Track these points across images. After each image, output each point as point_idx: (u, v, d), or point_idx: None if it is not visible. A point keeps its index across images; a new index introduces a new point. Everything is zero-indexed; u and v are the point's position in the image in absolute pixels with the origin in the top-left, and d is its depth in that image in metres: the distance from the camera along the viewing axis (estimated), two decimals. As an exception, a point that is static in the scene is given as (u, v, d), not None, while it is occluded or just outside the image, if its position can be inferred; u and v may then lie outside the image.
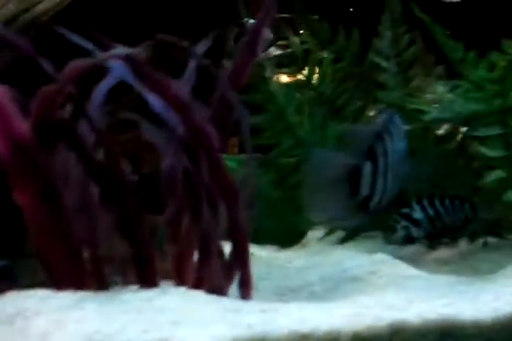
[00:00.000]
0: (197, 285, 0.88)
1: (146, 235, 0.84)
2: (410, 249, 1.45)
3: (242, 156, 1.38)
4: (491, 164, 1.23)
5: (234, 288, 0.90)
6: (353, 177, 1.04)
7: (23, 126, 0.83)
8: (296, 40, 1.64)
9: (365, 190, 1.04)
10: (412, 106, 1.42)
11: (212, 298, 0.75)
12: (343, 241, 1.51)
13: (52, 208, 0.83)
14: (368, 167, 1.04)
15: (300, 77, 1.61)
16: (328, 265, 1.21)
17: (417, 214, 1.35)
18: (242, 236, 0.90)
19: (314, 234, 1.57)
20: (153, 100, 0.86)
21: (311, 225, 1.57)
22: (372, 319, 0.72)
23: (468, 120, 1.21)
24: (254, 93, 1.46)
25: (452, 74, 1.45)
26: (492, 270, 1.24)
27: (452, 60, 1.40)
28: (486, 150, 1.21)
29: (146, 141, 0.99)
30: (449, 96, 1.39)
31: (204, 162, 0.89)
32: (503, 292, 0.95)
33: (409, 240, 1.38)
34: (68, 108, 0.90)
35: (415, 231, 1.36)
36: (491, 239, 1.41)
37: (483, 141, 1.23)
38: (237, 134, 1.05)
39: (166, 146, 0.94)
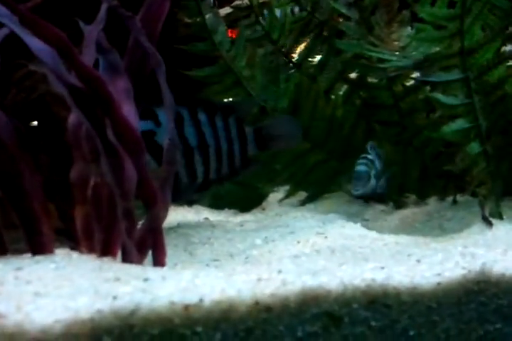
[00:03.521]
0: (105, 249, 0.79)
1: (32, 194, 0.75)
2: (376, 209, 1.37)
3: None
4: (450, 113, 1.12)
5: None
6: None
7: None
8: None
9: None
10: (373, 55, 1.30)
11: (98, 266, 0.66)
12: (304, 202, 1.42)
13: None
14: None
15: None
16: (278, 227, 1.12)
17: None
18: (150, 196, 0.81)
19: (276, 196, 1.49)
20: (33, 43, 0.75)
21: (272, 188, 1.48)
22: (278, 285, 0.63)
23: (422, 64, 1.09)
24: (198, 43, 1.34)
25: (416, 18, 1.33)
26: (460, 228, 1.15)
27: (407, -1, 1.27)
28: (443, 98, 1.09)
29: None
30: (414, 42, 1.27)
31: (104, 114, 0.79)
32: (455, 253, 0.86)
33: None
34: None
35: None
36: (460, 197, 1.32)
37: (441, 87, 1.11)
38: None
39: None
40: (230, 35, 1.47)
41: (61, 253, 0.73)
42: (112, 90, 0.85)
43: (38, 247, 0.74)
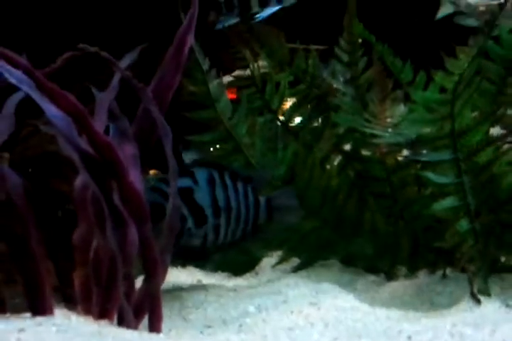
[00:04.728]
0: (102, 312, 0.80)
1: (36, 254, 0.76)
2: (368, 279, 1.38)
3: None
4: (440, 191, 1.17)
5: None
6: None
7: None
8: (254, 62, 1.60)
9: None
10: (367, 130, 1.36)
11: (97, 331, 0.67)
12: (296, 269, 1.43)
13: None
14: None
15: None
16: (271, 294, 1.14)
17: None
18: (151, 262, 0.83)
19: (270, 261, 1.50)
20: (50, 110, 0.80)
21: (265, 252, 1.50)
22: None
23: (415, 144, 1.15)
24: (201, 110, 1.40)
25: (410, 97, 1.41)
26: (449, 304, 1.17)
27: (401, 81, 1.35)
28: (434, 176, 1.14)
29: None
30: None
31: (111, 178, 0.83)
32: (444, 332, 0.87)
33: None
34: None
35: None
36: (450, 271, 1.34)
37: (431, 166, 1.16)
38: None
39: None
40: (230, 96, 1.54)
41: (60, 315, 0.74)
42: (120, 156, 0.88)
43: (40, 308, 0.75)
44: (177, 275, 1.30)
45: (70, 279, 0.89)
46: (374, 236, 1.36)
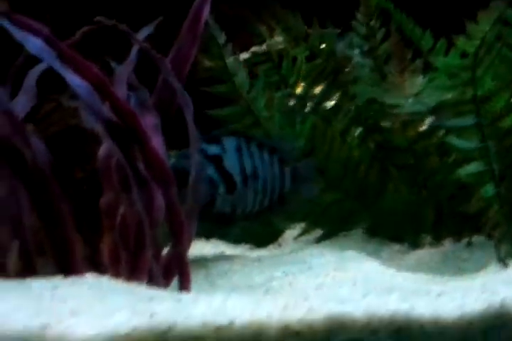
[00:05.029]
0: (131, 276, 0.81)
1: (66, 221, 0.77)
2: (392, 248, 1.38)
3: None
4: (464, 156, 1.16)
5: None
6: None
7: None
8: (271, 38, 1.59)
9: None
10: (388, 101, 1.35)
11: (129, 288, 0.68)
12: (319, 240, 1.43)
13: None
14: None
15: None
16: (296, 262, 1.14)
17: None
18: (177, 225, 0.83)
19: (292, 233, 1.50)
20: (73, 80, 0.80)
21: (288, 224, 1.50)
22: (306, 311, 0.64)
23: (437, 110, 1.14)
24: (219, 85, 1.40)
25: (429, 67, 1.39)
26: (476, 269, 1.16)
27: (421, 49, 1.34)
28: (458, 142, 1.13)
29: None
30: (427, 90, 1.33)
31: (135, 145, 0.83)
32: (474, 289, 0.87)
33: None
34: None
35: None
36: (475, 238, 1.34)
37: (455, 131, 1.15)
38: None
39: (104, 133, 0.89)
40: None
41: (92, 276, 0.75)
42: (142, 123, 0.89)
43: (71, 272, 0.76)
44: (201, 247, 1.32)
45: (97, 249, 0.90)
46: (397, 205, 1.36)
